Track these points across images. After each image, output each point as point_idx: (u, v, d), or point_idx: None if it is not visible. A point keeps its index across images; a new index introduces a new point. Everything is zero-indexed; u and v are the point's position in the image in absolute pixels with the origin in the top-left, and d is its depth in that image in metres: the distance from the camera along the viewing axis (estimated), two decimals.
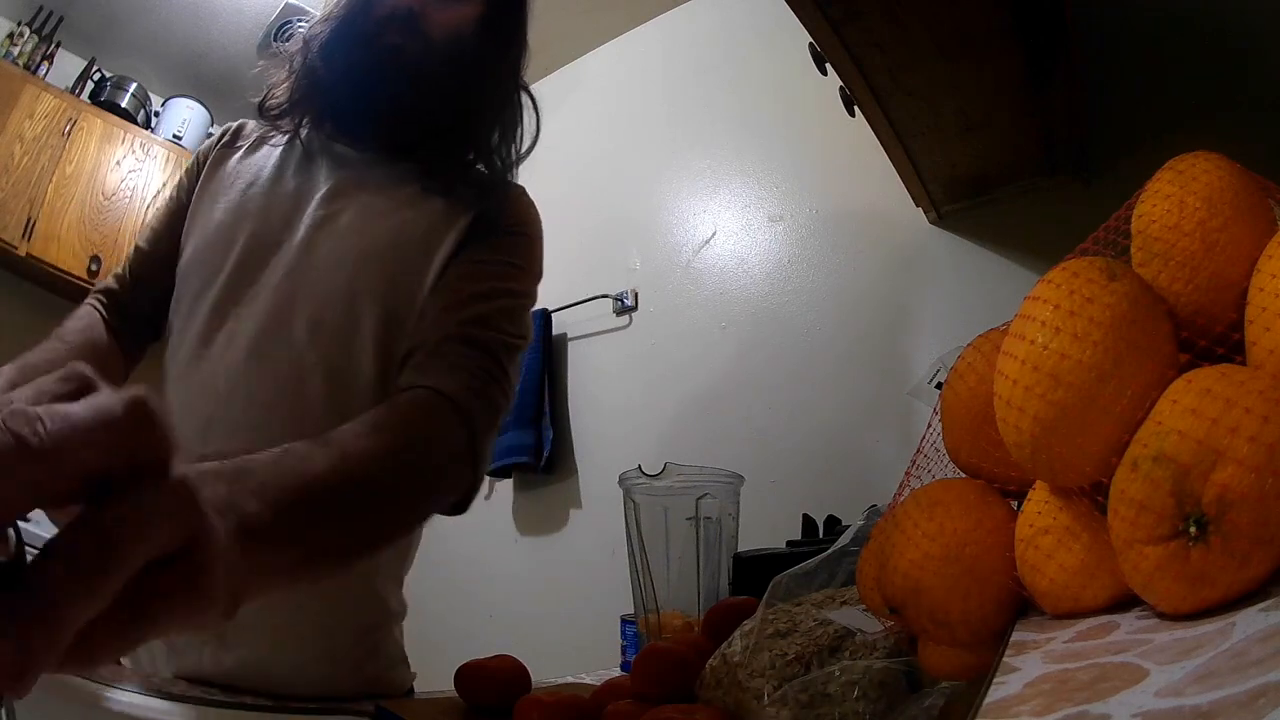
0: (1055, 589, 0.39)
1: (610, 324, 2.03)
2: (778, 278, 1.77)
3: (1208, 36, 1.25)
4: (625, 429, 1.94)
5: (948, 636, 0.44)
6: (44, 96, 2.14)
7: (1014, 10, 0.96)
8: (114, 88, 2.34)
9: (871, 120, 1.21)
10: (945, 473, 0.52)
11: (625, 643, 1.33)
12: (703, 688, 0.62)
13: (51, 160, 2.12)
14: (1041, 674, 0.31)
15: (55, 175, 2.12)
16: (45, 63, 2.21)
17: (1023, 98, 1.12)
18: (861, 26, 1.00)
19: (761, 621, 0.62)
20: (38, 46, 2.19)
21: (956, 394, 0.50)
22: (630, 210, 2.08)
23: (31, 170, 2.08)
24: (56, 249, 2.11)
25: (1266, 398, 0.31)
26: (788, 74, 1.71)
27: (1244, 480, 0.30)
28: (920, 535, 0.44)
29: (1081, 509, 0.39)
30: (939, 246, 1.53)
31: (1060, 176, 1.36)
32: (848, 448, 1.55)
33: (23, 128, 2.07)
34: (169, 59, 2.37)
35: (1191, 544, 0.31)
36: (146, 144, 2.34)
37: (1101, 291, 0.37)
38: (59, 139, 2.14)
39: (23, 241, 2.05)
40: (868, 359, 1.58)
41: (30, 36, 2.17)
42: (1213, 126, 1.19)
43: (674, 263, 1.95)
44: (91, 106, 2.27)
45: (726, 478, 1.35)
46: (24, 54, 2.16)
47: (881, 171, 1.41)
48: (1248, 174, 0.41)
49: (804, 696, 0.52)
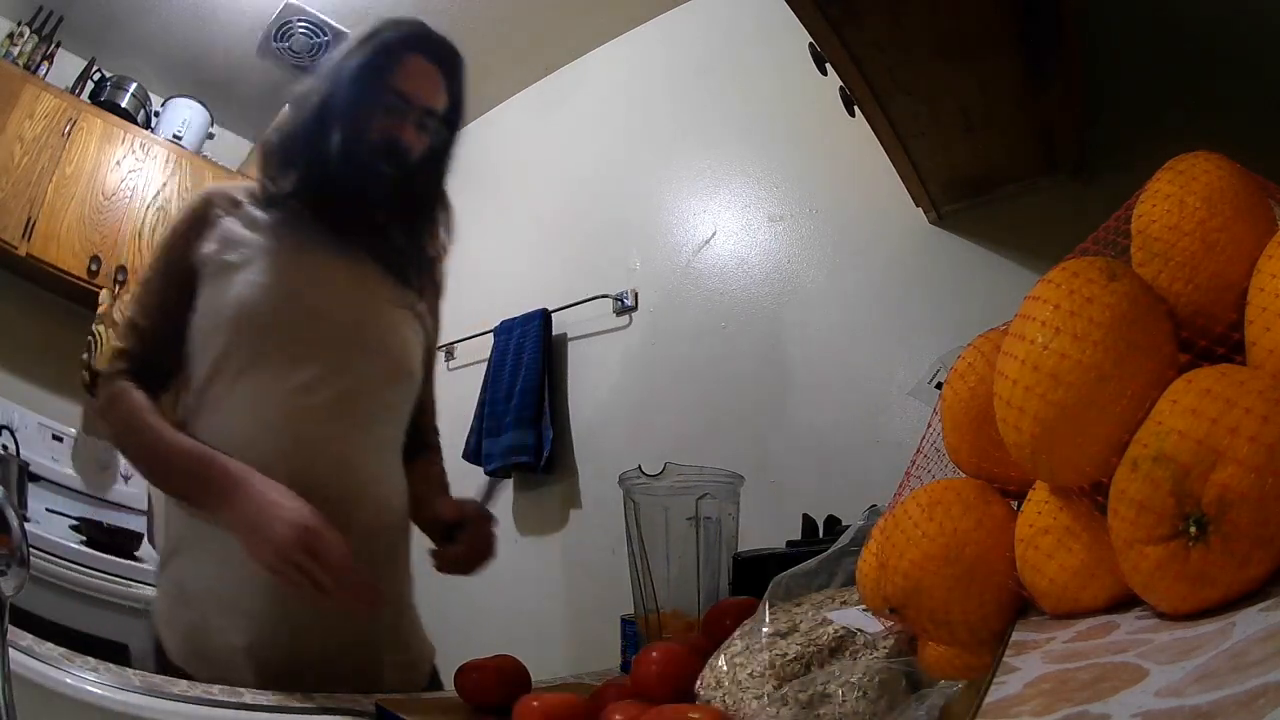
0: (1055, 589, 0.39)
1: (610, 324, 2.03)
2: (778, 278, 1.77)
3: (1208, 36, 1.25)
4: (625, 429, 1.94)
5: (948, 636, 0.44)
6: (44, 96, 2.14)
7: (1014, 10, 0.96)
8: (114, 88, 2.33)
9: (871, 120, 1.21)
10: (945, 473, 0.52)
11: (625, 643, 1.33)
12: (703, 688, 0.62)
13: (51, 160, 2.12)
14: (1041, 674, 0.31)
15: (55, 175, 2.12)
16: (45, 63, 2.21)
17: (1023, 98, 1.12)
18: (861, 26, 1.00)
19: (761, 621, 0.62)
20: (38, 46, 2.18)
21: (956, 394, 0.50)
22: (630, 210, 2.08)
23: (31, 170, 2.08)
24: (56, 249, 2.11)
25: (1266, 398, 0.31)
26: (788, 74, 1.71)
27: (1244, 480, 0.30)
28: (920, 535, 0.44)
29: (1081, 509, 0.39)
30: (939, 246, 1.53)
31: (1060, 176, 1.35)
32: (848, 448, 1.55)
33: (23, 128, 2.07)
34: (169, 59, 2.36)
35: (1191, 544, 0.31)
36: (146, 144, 2.33)
37: (1102, 291, 0.37)
38: (59, 139, 2.14)
39: (23, 241, 2.04)
40: (868, 359, 1.57)
41: (30, 36, 2.17)
42: (1213, 126, 1.19)
43: (674, 263, 1.95)
44: (91, 106, 2.26)
45: (726, 478, 1.35)
46: (24, 54, 2.15)
47: (881, 171, 1.41)
48: (1248, 174, 0.41)
49: (804, 696, 0.52)
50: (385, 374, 1.02)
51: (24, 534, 0.44)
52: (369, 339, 1.00)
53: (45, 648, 0.62)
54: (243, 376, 0.92)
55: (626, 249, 2.05)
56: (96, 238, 2.18)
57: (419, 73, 1.01)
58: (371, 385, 0.99)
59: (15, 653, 0.56)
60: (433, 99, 1.02)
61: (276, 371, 0.92)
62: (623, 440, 1.92)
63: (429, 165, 1.05)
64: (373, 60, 0.98)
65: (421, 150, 1.02)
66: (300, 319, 0.95)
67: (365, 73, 0.98)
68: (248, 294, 0.93)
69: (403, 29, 1.03)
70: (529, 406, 2.00)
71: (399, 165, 0.99)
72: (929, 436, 0.53)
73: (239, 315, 0.92)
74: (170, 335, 0.95)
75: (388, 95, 0.98)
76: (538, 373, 2.02)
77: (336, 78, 0.99)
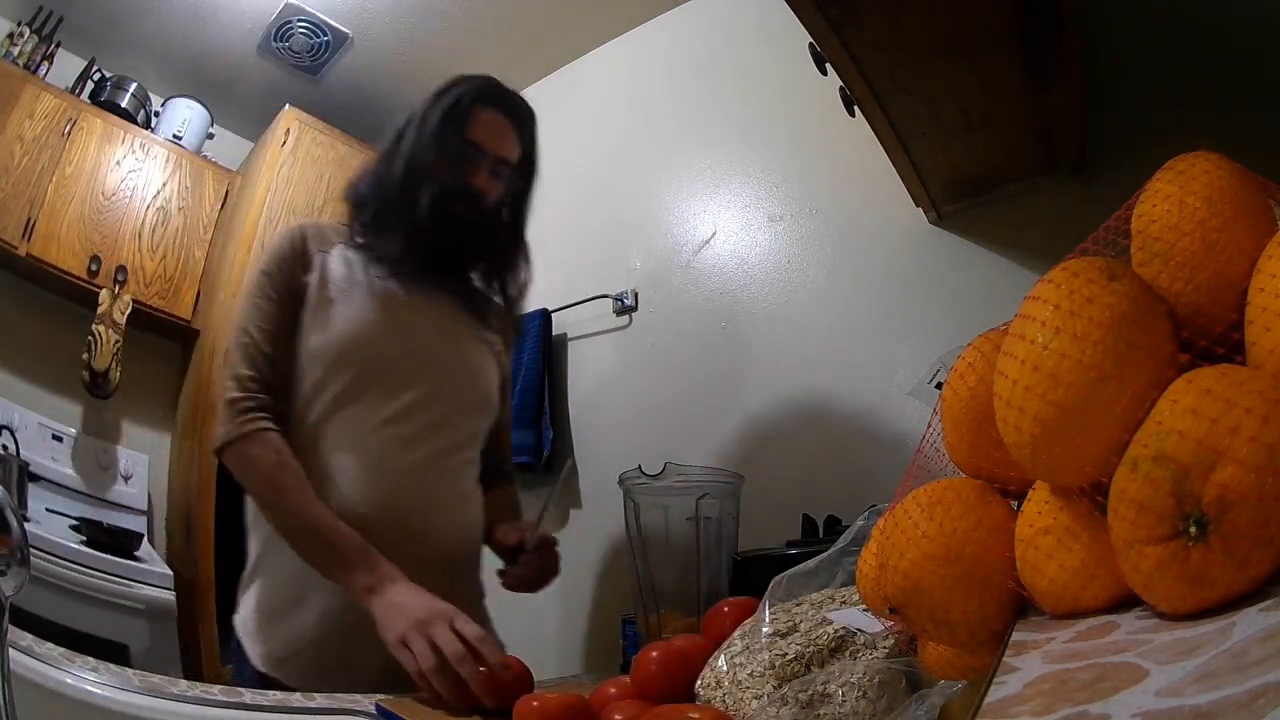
0: (1055, 589, 0.39)
1: (610, 324, 2.03)
2: (778, 278, 1.77)
3: (1208, 36, 1.25)
4: (625, 429, 1.94)
5: (948, 636, 0.44)
6: (44, 96, 2.13)
7: (1014, 10, 0.96)
8: (114, 88, 2.33)
9: (871, 120, 1.21)
10: (945, 473, 0.52)
11: (625, 643, 1.33)
12: (703, 687, 0.62)
13: (51, 160, 2.12)
14: (1041, 674, 0.31)
15: (55, 175, 2.12)
16: (45, 63, 2.20)
17: (1023, 98, 1.12)
18: (861, 26, 1.00)
19: (761, 621, 0.62)
20: (38, 46, 2.18)
21: (956, 394, 0.50)
22: (630, 210, 2.08)
23: (31, 170, 2.08)
24: (56, 249, 2.10)
25: (1266, 398, 0.31)
26: (788, 74, 1.70)
27: (1244, 480, 0.30)
28: (920, 535, 0.44)
29: (1081, 509, 0.39)
30: (939, 246, 1.53)
31: (1060, 176, 1.35)
32: (848, 448, 1.55)
33: (23, 128, 2.07)
34: (169, 59, 2.36)
35: (1191, 544, 0.31)
36: (146, 144, 2.33)
37: (1102, 291, 0.37)
38: (59, 139, 2.14)
39: (23, 241, 2.04)
40: (868, 359, 1.57)
41: (30, 36, 2.17)
42: (1213, 126, 1.19)
43: (674, 263, 1.95)
44: (91, 106, 2.26)
45: (726, 478, 1.36)
46: (24, 54, 2.15)
47: (881, 171, 1.41)
48: (1248, 174, 0.40)
49: (804, 696, 0.52)
50: (471, 405, 1.11)
51: (24, 534, 0.44)
52: (456, 372, 1.09)
53: (45, 648, 0.62)
54: (339, 406, 1.00)
55: (626, 249, 2.05)
56: (96, 238, 2.18)
57: (490, 124, 1.11)
58: (458, 415, 1.08)
59: (15, 653, 0.56)
60: (505, 149, 1.12)
61: (372, 402, 1.01)
62: (623, 440, 1.92)
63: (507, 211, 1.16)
64: (447, 114, 1.08)
65: (496, 196, 1.13)
66: (394, 353, 1.03)
67: (440, 126, 1.08)
68: (345, 329, 1.01)
69: (474, 84, 1.12)
70: (529, 406, 1.99)
71: (475, 208, 1.09)
72: (929, 436, 0.53)
73: (338, 348, 1.01)
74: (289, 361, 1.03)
75: (462, 146, 1.08)
76: (537, 373, 2.01)
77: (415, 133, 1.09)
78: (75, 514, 1.97)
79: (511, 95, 1.15)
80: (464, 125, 1.09)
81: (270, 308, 1.03)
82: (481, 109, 1.10)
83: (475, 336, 1.14)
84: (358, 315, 1.03)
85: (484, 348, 1.15)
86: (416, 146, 1.08)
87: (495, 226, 1.15)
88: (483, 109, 1.10)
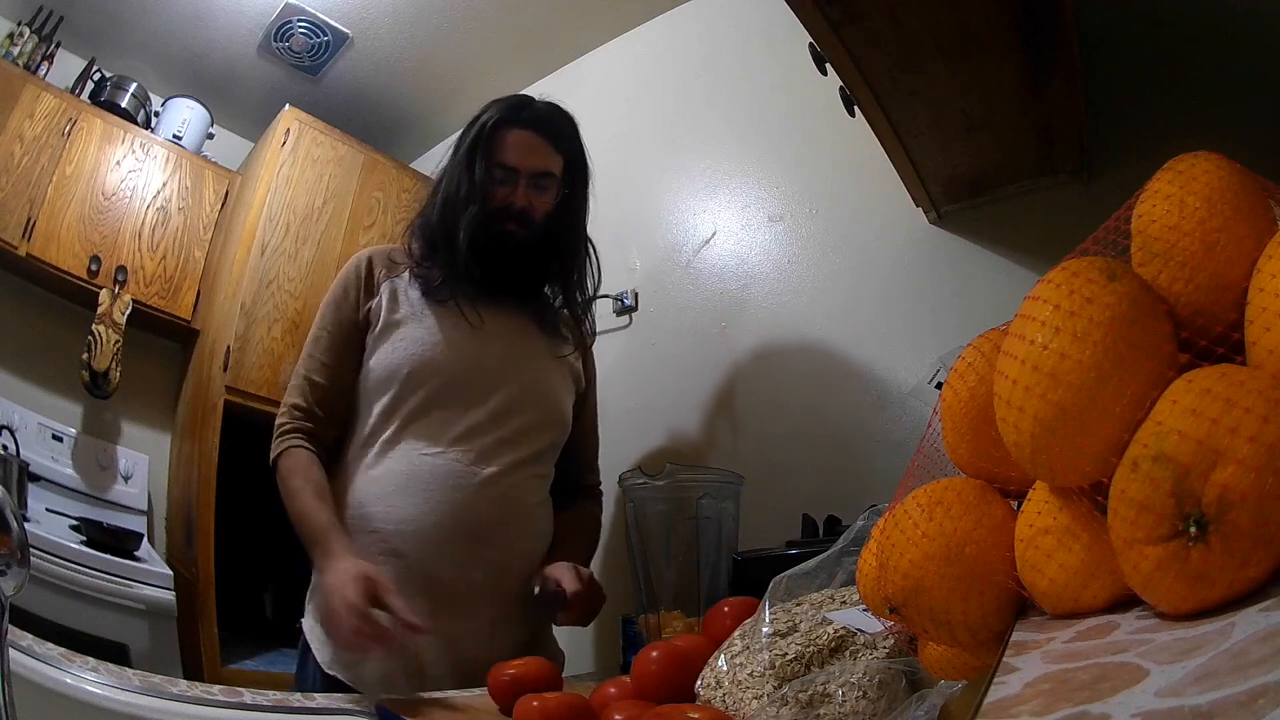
0: (1055, 589, 0.39)
1: (610, 324, 2.03)
2: (778, 278, 1.77)
3: (1208, 36, 1.25)
4: (625, 429, 1.94)
5: (948, 637, 0.44)
6: (44, 96, 2.13)
7: (1014, 10, 0.96)
8: (114, 88, 2.33)
9: (871, 120, 1.21)
10: (945, 473, 0.52)
11: (625, 643, 1.33)
12: (703, 687, 0.62)
13: (51, 160, 2.12)
14: (1041, 674, 0.31)
15: (55, 175, 2.12)
16: (45, 63, 2.20)
17: (1023, 98, 1.12)
18: (861, 26, 1.00)
19: (761, 621, 0.62)
20: (38, 46, 2.18)
21: (956, 394, 0.50)
22: (630, 210, 2.07)
23: (31, 170, 2.08)
24: (56, 249, 2.10)
25: (1266, 398, 0.31)
26: (788, 74, 1.70)
27: (1244, 480, 0.30)
28: (920, 535, 0.44)
29: (1081, 509, 0.39)
30: (939, 246, 1.53)
31: (1060, 176, 1.35)
32: (848, 448, 1.55)
33: (23, 128, 2.07)
34: (169, 59, 2.36)
35: (1191, 544, 0.31)
36: (146, 144, 2.33)
37: (1101, 291, 0.37)
38: (59, 139, 2.14)
39: (23, 241, 2.04)
40: (868, 359, 1.57)
41: (30, 36, 2.17)
42: (1213, 126, 1.19)
43: (674, 263, 1.95)
44: (91, 106, 2.26)
45: (726, 478, 1.35)
46: (24, 54, 2.15)
47: (881, 171, 1.41)
48: (1248, 174, 0.40)
49: (804, 696, 0.52)
50: (540, 422, 1.14)
51: (24, 534, 0.44)
52: (525, 390, 1.12)
53: (45, 648, 0.63)
54: (411, 423, 1.05)
55: (626, 249, 2.05)
56: (96, 238, 2.18)
57: (519, 144, 1.14)
58: (527, 432, 1.12)
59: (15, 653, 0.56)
60: (540, 163, 1.15)
61: (444, 419, 1.06)
62: (623, 440, 1.92)
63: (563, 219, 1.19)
64: (474, 143, 1.14)
65: (544, 208, 1.16)
66: (464, 373, 1.08)
67: (469, 156, 1.13)
68: (416, 350, 1.07)
69: (500, 107, 1.17)
70: None
71: (523, 224, 1.13)
72: (929, 436, 0.53)
73: (409, 368, 1.06)
74: (342, 391, 1.09)
75: (495, 169, 1.13)
76: None
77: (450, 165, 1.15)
78: (75, 514, 1.97)
79: (539, 110, 1.19)
80: (490, 150, 1.13)
81: (328, 339, 1.10)
82: (507, 130, 1.14)
83: (547, 352, 1.18)
84: (427, 337, 1.08)
85: (555, 363, 1.18)
86: (450, 178, 1.14)
87: (555, 235, 1.18)
88: (509, 130, 1.14)
